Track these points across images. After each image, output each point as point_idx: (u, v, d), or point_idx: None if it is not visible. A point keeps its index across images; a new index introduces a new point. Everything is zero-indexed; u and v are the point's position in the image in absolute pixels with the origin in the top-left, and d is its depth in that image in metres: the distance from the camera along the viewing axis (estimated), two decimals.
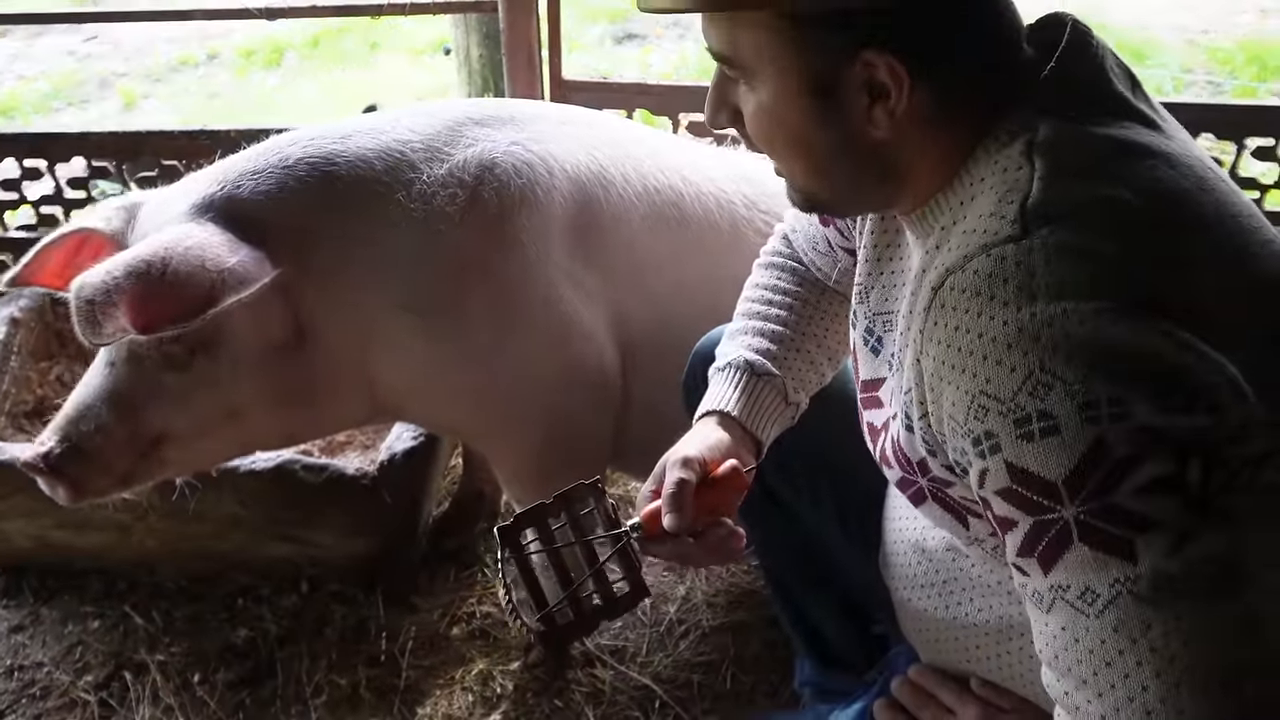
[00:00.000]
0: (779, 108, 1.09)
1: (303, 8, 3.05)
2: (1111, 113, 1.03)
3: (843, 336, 1.58)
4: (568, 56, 3.23)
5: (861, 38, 1.00)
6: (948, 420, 1.01)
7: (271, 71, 7.06)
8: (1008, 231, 0.96)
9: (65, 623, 2.35)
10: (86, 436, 1.77)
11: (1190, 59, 5.83)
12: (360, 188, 1.79)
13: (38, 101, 6.86)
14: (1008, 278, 0.93)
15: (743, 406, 1.48)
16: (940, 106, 1.04)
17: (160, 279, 1.58)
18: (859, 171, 1.11)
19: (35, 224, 3.21)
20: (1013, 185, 0.99)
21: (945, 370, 0.99)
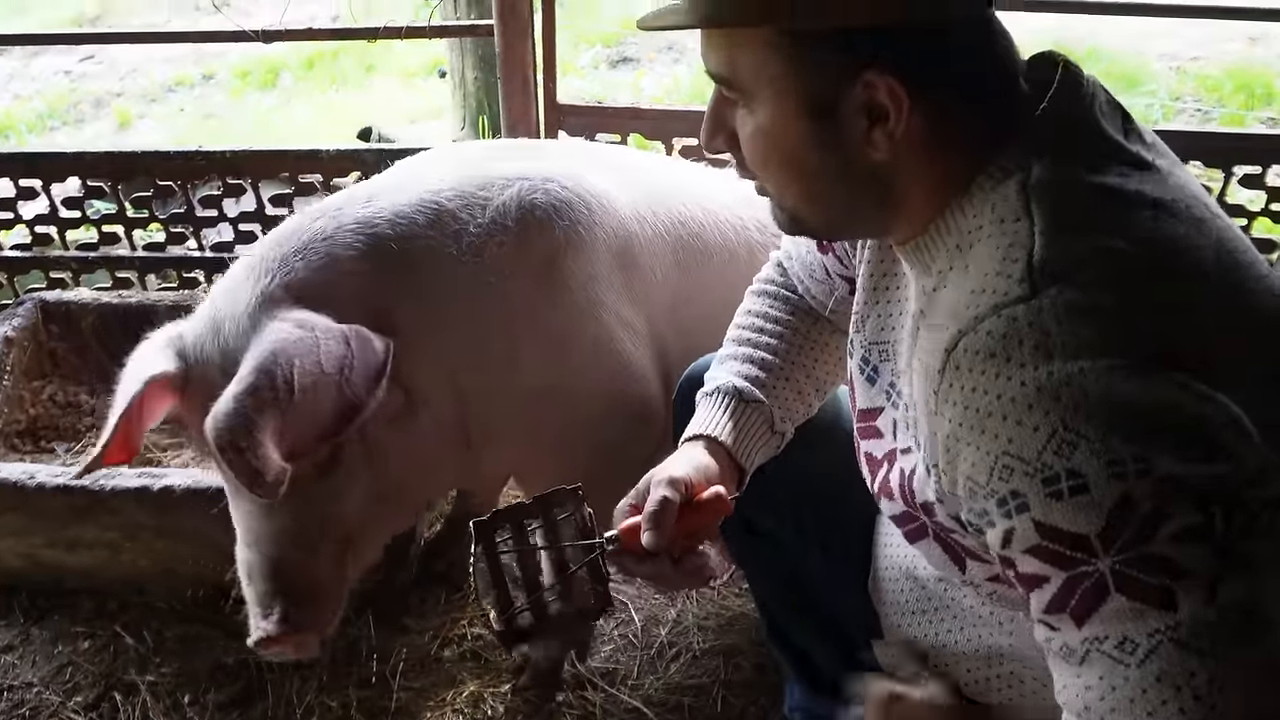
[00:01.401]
0: (777, 129, 1.09)
1: (299, 31, 3.07)
2: (1105, 155, 1.03)
3: (832, 368, 1.60)
4: (562, 80, 3.25)
5: (863, 58, 1.01)
6: (964, 482, 1.01)
7: (267, 92, 7.09)
8: (1017, 292, 0.96)
9: (55, 643, 2.34)
10: (301, 586, 1.73)
11: (1179, 86, 5.88)
12: (411, 244, 1.77)
13: (33, 121, 6.88)
14: (1022, 338, 0.94)
15: (731, 432, 1.49)
16: (938, 130, 1.05)
17: (289, 399, 1.54)
18: (855, 196, 1.11)
19: (30, 243, 3.21)
20: (1014, 240, 1.00)
21: (964, 432, 0.99)
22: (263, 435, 1.51)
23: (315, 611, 1.74)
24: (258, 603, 1.73)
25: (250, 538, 1.74)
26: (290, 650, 1.74)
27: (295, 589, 1.72)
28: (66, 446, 2.74)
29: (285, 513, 1.70)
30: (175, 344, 1.76)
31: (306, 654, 1.76)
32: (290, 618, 1.70)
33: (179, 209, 3.13)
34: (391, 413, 1.74)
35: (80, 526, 2.24)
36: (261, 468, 1.51)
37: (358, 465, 1.73)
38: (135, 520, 2.21)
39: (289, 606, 1.70)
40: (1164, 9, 3.00)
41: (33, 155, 3.16)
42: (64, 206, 3.12)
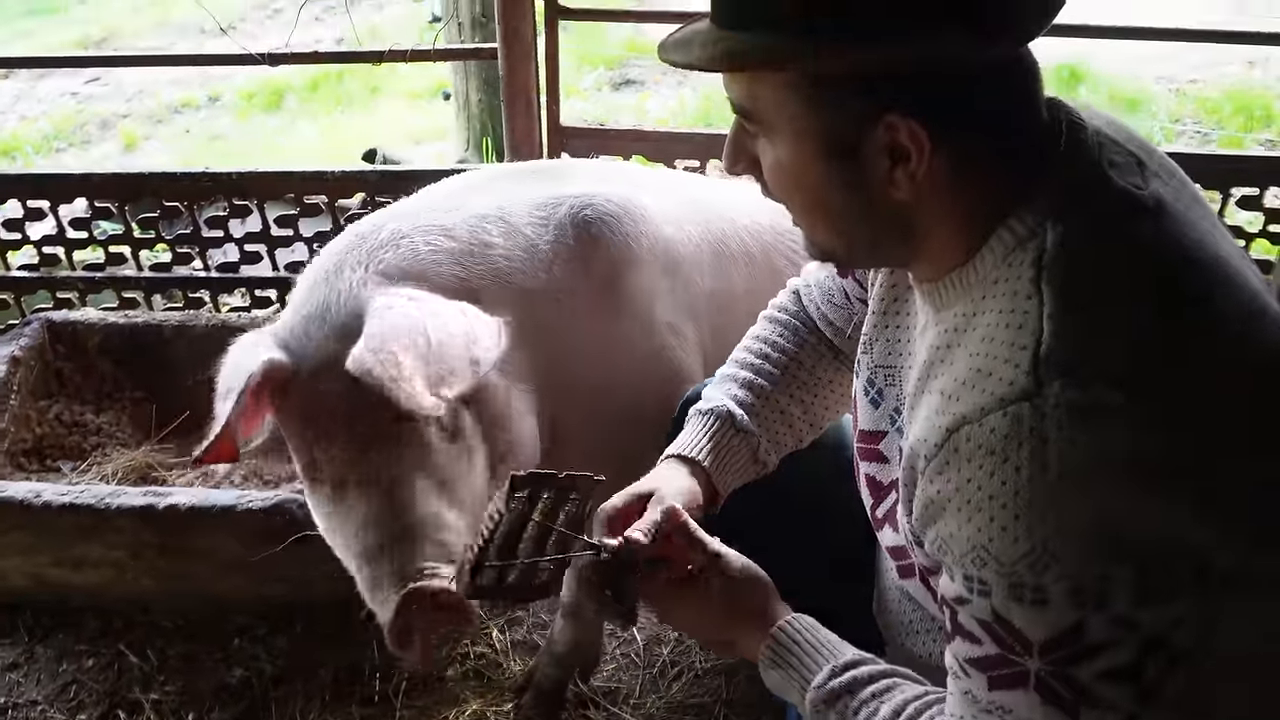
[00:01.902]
0: (798, 166, 1.10)
1: (304, 54, 3.10)
2: (1116, 215, 1.04)
3: (831, 404, 1.62)
4: (566, 102, 3.28)
5: (884, 102, 1.01)
6: (937, 538, 1.07)
7: (272, 114, 7.13)
8: (1023, 384, 0.98)
9: (60, 661, 2.35)
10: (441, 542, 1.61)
11: (1179, 109, 5.91)
12: (489, 253, 1.81)
13: (39, 142, 6.92)
14: (1022, 441, 0.96)
15: (712, 457, 1.51)
16: (960, 173, 1.05)
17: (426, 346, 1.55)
18: (878, 232, 1.13)
19: (37, 263, 3.24)
20: (1024, 322, 1.01)
21: (951, 508, 1.03)
22: (408, 370, 1.50)
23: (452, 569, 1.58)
24: (393, 573, 1.58)
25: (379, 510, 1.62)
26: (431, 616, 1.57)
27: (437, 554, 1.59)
28: (72, 465, 2.76)
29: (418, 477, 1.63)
30: (281, 340, 1.71)
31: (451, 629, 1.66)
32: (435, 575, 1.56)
33: (185, 229, 3.15)
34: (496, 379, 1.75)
35: (86, 545, 2.26)
36: (414, 390, 1.49)
37: (472, 430, 1.73)
38: (140, 539, 2.23)
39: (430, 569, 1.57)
40: (1163, 33, 3.03)
41: (40, 176, 3.19)
42: (71, 227, 3.15)
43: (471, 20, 4.79)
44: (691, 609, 1.35)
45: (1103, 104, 5.68)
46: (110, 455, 2.77)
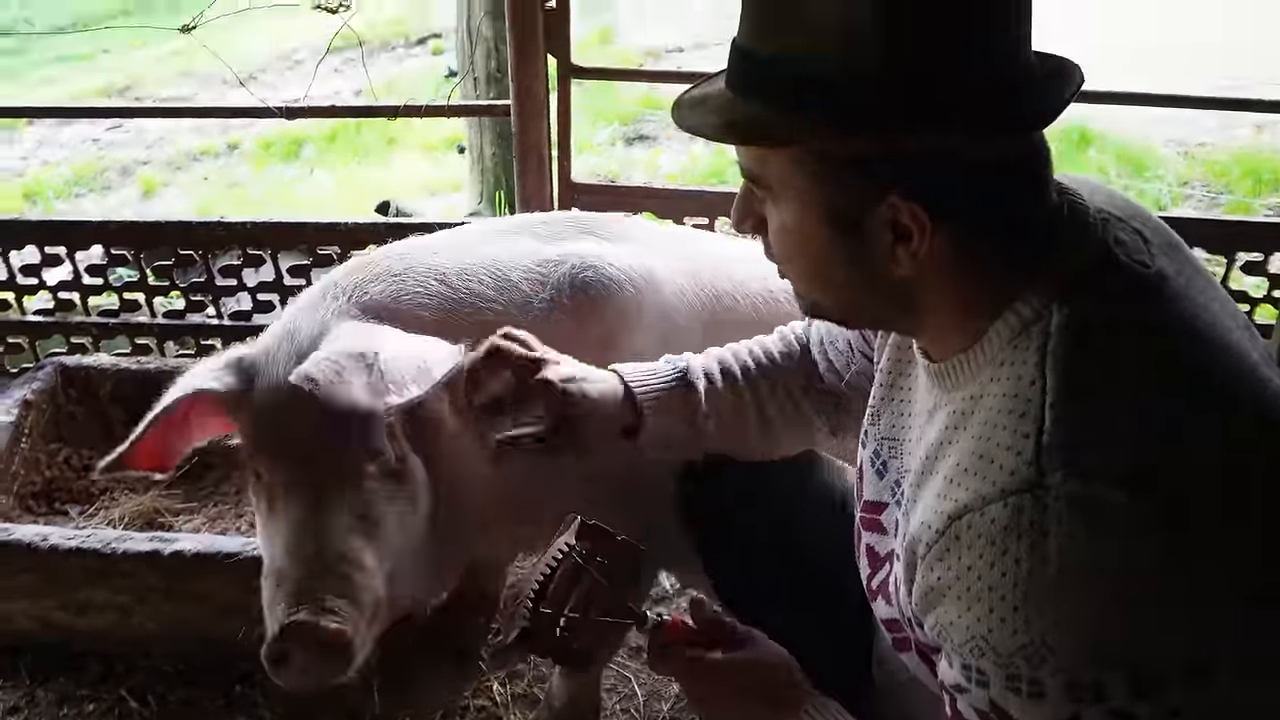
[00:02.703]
0: (802, 234, 1.11)
1: (322, 108, 3.15)
2: (1124, 296, 1.05)
3: (788, 429, 1.64)
4: (578, 157, 3.32)
5: (886, 183, 1.02)
6: (936, 623, 1.07)
7: (290, 163, 7.21)
8: (1024, 474, 0.99)
9: (61, 705, 2.35)
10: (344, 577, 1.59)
11: (1187, 171, 5.95)
12: (479, 306, 1.82)
13: (60, 187, 7.01)
14: (1022, 534, 0.97)
15: (646, 392, 1.55)
16: (962, 254, 1.06)
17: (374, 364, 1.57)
18: (879, 303, 1.14)
19: (52, 308, 3.27)
20: (1027, 409, 1.02)
21: (951, 595, 1.04)
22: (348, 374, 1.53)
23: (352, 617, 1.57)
24: (285, 599, 1.57)
25: (295, 534, 1.62)
26: (312, 653, 1.56)
27: (335, 588, 1.57)
28: (80, 509, 2.77)
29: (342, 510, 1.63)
30: (233, 365, 1.74)
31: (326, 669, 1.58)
32: (324, 612, 1.54)
33: (199, 278, 3.19)
34: (452, 430, 1.77)
35: (92, 589, 2.27)
36: (353, 395, 1.50)
37: (420, 477, 1.73)
38: (146, 583, 2.24)
39: (327, 602, 1.55)
40: (1170, 99, 3.06)
41: (59, 223, 3.24)
42: (87, 273, 3.19)
43: (487, 76, 4.87)
44: (720, 688, 1.34)
45: (1110, 166, 5.73)
46: (118, 500, 2.79)
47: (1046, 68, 1.08)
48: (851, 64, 0.99)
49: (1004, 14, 1.02)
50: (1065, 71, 1.09)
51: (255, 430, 1.71)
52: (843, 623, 1.57)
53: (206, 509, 2.76)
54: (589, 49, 8.27)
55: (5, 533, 2.25)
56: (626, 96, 7.34)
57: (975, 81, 1.00)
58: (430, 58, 9.23)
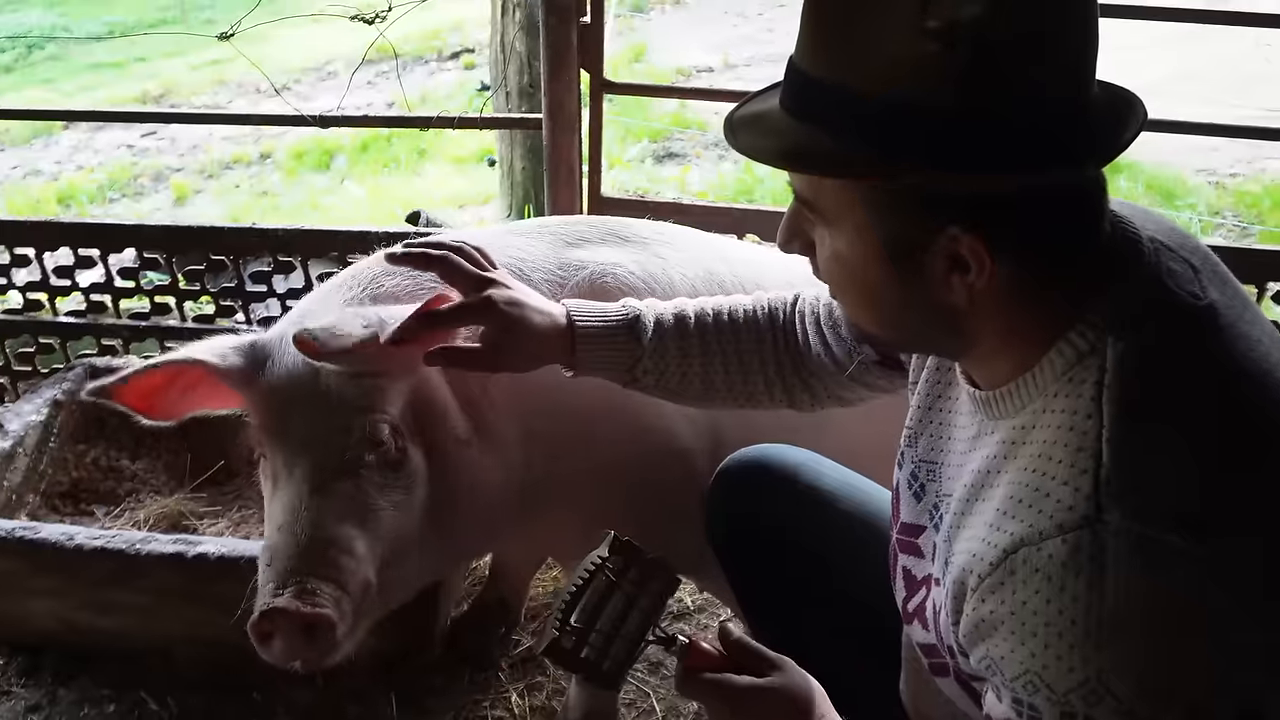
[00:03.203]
0: (856, 263, 1.10)
1: (355, 117, 3.18)
2: (1179, 329, 1.05)
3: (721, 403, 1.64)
4: (609, 173, 3.33)
5: (949, 215, 1.01)
6: (986, 657, 1.06)
7: (321, 173, 7.27)
8: (1082, 510, 0.98)
9: (81, 705, 2.36)
10: (336, 563, 1.59)
11: (1219, 201, 5.91)
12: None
13: (94, 192, 7.09)
14: (1080, 570, 0.97)
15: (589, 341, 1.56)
16: (1018, 284, 1.05)
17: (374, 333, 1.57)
18: (928, 326, 1.13)
19: (84, 309, 3.30)
20: (1083, 444, 1.01)
21: (1004, 630, 1.03)
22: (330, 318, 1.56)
23: (336, 601, 1.58)
24: (272, 579, 1.59)
25: (288, 517, 1.64)
26: (297, 636, 1.56)
27: (322, 572, 1.58)
28: (106, 510, 2.79)
29: (342, 494, 1.64)
30: (244, 347, 1.74)
31: (311, 651, 1.58)
32: (307, 595, 1.55)
33: (230, 283, 3.21)
34: (460, 432, 1.76)
35: (115, 590, 2.28)
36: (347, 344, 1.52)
37: (420, 472, 1.72)
38: (168, 586, 2.25)
39: (312, 585, 1.56)
40: (1203, 128, 3.05)
41: (93, 226, 3.27)
42: (119, 276, 3.21)
43: (519, 90, 4.89)
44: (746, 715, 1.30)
45: (1140, 195, 5.70)
46: (144, 502, 2.81)
47: (1111, 100, 1.07)
48: (924, 100, 0.97)
49: (1078, 49, 1.01)
50: (1129, 104, 1.08)
51: (261, 411, 1.73)
52: (873, 644, 1.56)
53: (231, 513, 2.77)
54: (622, 66, 8.31)
55: (32, 531, 2.27)
56: (657, 114, 7.36)
57: (1047, 118, 0.99)
58: (462, 72, 9.29)
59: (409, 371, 1.70)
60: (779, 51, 8.64)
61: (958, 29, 0.94)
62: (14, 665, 2.46)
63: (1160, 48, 6.81)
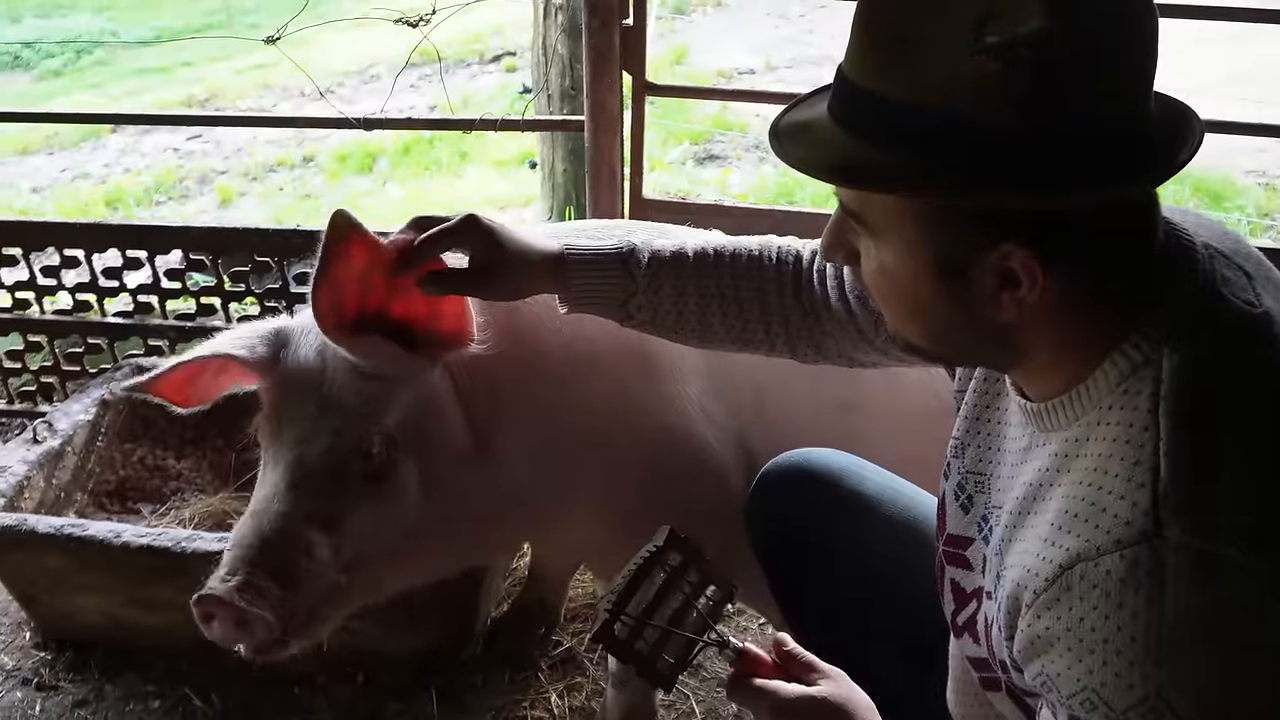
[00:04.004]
0: (904, 277, 1.08)
1: (399, 120, 3.20)
2: (1234, 338, 1.03)
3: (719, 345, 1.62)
4: (649, 175, 3.33)
5: (1003, 232, 0.99)
6: (1042, 672, 1.04)
7: (363, 175, 7.32)
8: (1140, 524, 0.97)
9: (127, 700, 2.40)
10: (286, 560, 1.61)
11: (1268, 203, 5.83)
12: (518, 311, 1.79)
13: (141, 194, 7.17)
14: (1139, 587, 0.95)
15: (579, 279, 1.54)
16: (1069, 302, 1.04)
17: None
18: (976, 341, 1.12)
19: (131, 310, 3.35)
20: (1140, 457, 0.99)
21: (1060, 646, 1.01)
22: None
23: (282, 603, 1.58)
24: (226, 564, 1.61)
25: (260, 506, 1.66)
26: (231, 625, 1.58)
27: (273, 568, 1.59)
28: (152, 508, 2.83)
29: (314, 494, 1.65)
30: (269, 335, 1.77)
31: (248, 642, 1.59)
32: (250, 589, 1.56)
33: (274, 284, 3.24)
34: (459, 452, 1.74)
35: (160, 587, 2.30)
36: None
37: (407, 486, 1.70)
38: None
39: (257, 580, 1.57)
40: (1253, 128, 3.00)
41: (140, 228, 3.30)
42: (166, 277, 3.25)
43: (561, 92, 4.90)
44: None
45: (1188, 197, 5.63)
46: (188, 500, 2.84)
47: (1168, 115, 1.05)
48: (980, 117, 0.96)
49: (1136, 66, 0.99)
50: (1186, 118, 1.06)
51: (269, 397, 1.74)
52: (915, 650, 1.54)
53: None
54: (663, 68, 8.31)
55: (80, 529, 2.30)
56: (698, 116, 7.36)
57: (1105, 136, 0.97)
58: (504, 75, 9.33)
59: (416, 382, 1.69)
60: (820, 53, 8.65)
61: (1018, 46, 0.93)
62: (62, 660, 2.50)
63: (1208, 48, 6.72)
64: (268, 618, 1.57)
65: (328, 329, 1.57)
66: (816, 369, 1.98)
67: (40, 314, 3.32)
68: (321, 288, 1.53)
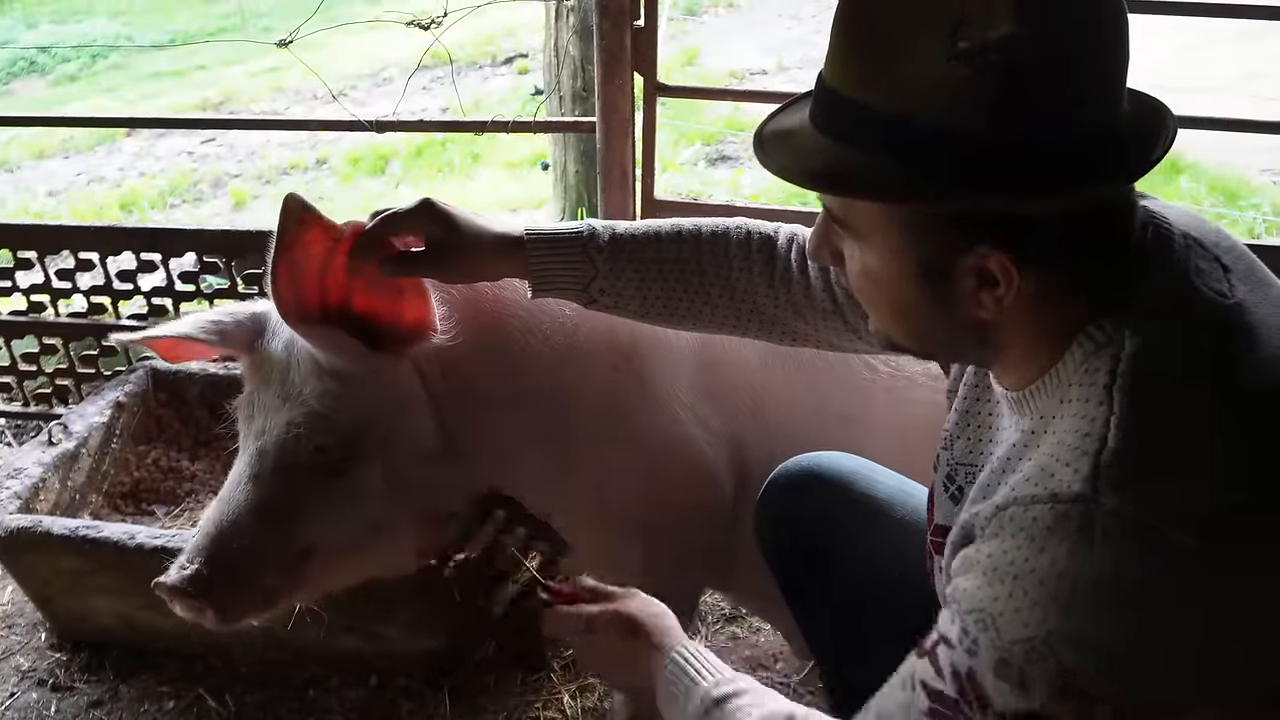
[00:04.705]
0: (886, 279, 1.11)
1: (410, 122, 3.20)
2: (1200, 326, 1.05)
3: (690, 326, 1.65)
4: (661, 176, 3.33)
5: (979, 234, 1.02)
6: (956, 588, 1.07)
7: (376, 178, 7.34)
8: (1078, 489, 0.98)
9: (142, 701, 2.41)
10: (234, 554, 1.65)
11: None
12: (504, 310, 1.79)
13: (155, 197, 7.20)
14: (1063, 538, 0.97)
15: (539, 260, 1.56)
16: (1045, 296, 1.06)
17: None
18: (956, 338, 1.14)
19: (145, 313, 3.36)
20: (1091, 429, 1.01)
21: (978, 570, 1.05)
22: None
23: (229, 592, 1.65)
24: (185, 551, 1.68)
25: (224, 494, 1.70)
26: (184, 608, 1.67)
27: (226, 559, 1.64)
28: (166, 510, 2.84)
29: (273, 491, 1.67)
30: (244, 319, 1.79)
31: (202, 620, 1.67)
32: (201, 580, 1.63)
33: None
34: (425, 451, 1.74)
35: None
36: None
37: (366, 485, 1.70)
38: None
39: (211, 567, 1.63)
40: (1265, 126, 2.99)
41: (155, 230, 3.32)
42: (180, 280, 3.26)
43: (572, 94, 4.91)
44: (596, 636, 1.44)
45: (1202, 196, 5.60)
46: (203, 502, 2.85)
47: (1141, 113, 1.07)
48: (955, 123, 0.98)
49: (1107, 70, 1.01)
50: (1159, 116, 1.08)
51: (247, 383, 1.76)
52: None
53: None
54: (675, 70, 8.31)
55: (95, 530, 2.31)
56: (710, 117, 7.36)
57: (1076, 139, 0.99)
58: (516, 77, 9.34)
59: (380, 380, 1.68)
60: None
61: (988, 52, 0.95)
62: (77, 661, 2.51)
63: (1222, 46, 6.69)
64: (213, 607, 1.64)
65: (287, 314, 1.58)
66: (820, 378, 1.99)
67: (55, 317, 3.33)
68: (280, 272, 1.54)
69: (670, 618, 1.42)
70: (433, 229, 1.55)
